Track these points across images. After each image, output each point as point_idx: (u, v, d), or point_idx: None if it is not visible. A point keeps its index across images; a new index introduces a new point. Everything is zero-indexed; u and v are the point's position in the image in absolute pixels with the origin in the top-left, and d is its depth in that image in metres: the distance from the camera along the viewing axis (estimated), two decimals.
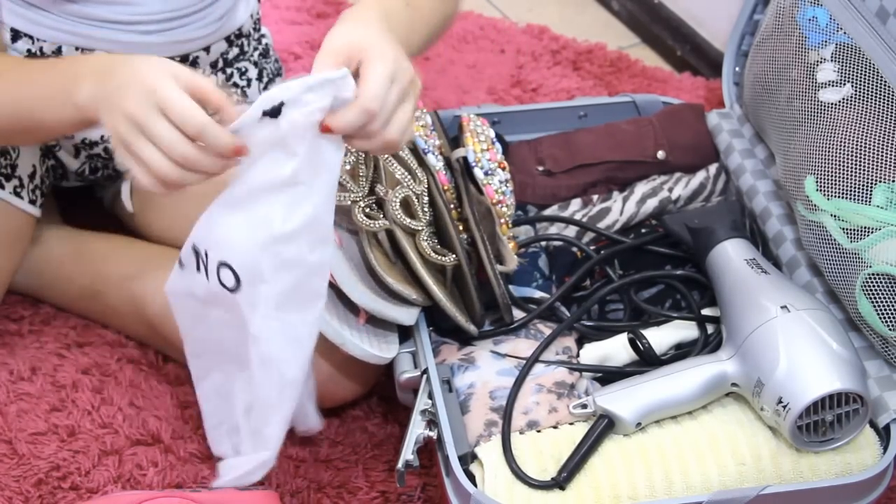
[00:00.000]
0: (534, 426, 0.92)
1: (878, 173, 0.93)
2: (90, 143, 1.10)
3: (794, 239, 1.06)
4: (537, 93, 1.49)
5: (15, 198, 1.04)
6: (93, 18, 1.00)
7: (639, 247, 1.09)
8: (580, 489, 0.87)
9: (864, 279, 0.92)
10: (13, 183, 1.04)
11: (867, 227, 0.93)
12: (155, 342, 1.10)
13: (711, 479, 0.88)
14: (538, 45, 1.58)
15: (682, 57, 1.59)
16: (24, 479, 1.00)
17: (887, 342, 0.92)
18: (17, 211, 1.04)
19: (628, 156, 1.16)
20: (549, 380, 0.95)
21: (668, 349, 1.00)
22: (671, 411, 0.92)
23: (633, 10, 1.68)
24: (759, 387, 0.88)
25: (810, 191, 0.98)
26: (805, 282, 1.03)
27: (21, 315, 1.15)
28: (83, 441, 1.03)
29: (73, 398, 1.07)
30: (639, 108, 1.24)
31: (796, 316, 0.90)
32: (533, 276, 1.06)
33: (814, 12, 1.04)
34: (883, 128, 0.94)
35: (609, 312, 1.05)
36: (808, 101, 1.02)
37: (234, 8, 1.09)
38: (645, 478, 0.88)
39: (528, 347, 0.98)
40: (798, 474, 0.89)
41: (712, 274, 1.00)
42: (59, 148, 1.11)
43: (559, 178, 1.15)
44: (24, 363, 1.10)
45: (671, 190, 1.14)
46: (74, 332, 1.14)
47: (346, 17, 0.85)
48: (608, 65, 1.55)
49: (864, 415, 0.88)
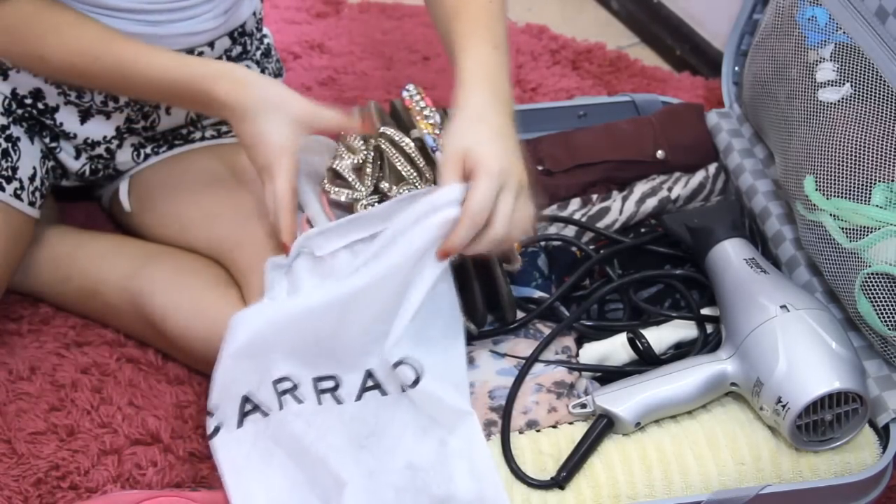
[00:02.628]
0: (533, 426, 0.92)
1: (877, 173, 0.93)
2: (92, 143, 1.11)
3: (793, 238, 1.06)
4: (537, 92, 1.49)
5: (15, 200, 1.04)
6: (102, 7, 1.00)
7: (638, 246, 1.09)
8: (579, 489, 0.87)
9: (864, 279, 0.92)
10: (14, 185, 1.04)
11: (866, 227, 0.93)
12: (154, 340, 1.10)
13: (711, 478, 0.88)
14: (537, 44, 1.58)
15: (681, 56, 1.59)
16: (24, 479, 1.00)
17: (886, 341, 0.92)
18: (17, 213, 1.04)
19: (628, 155, 1.16)
20: (549, 379, 0.95)
21: (668, 349, 0.99)
22: (670, 411, 0.92)
23: (633, 9, 1.68)
24: (758, 386, 0.88)
25: (809, 190, 0.98)
26: (804, 281, 1.03)
27: (20, 315, 1.15)
28: (82, 440, 1.03)
29: (72, 398, 1.07)
30: (638, 108, 1.24)
31: (795, 315, 0.90)
32: (532, 276, 1.06)
33: (813, 12, 1.04)
34: (882, 127, 0.94)
35: (608, 312, 1.05)
36: (807, 101, 1.02)
37: (239, 3, 1.09)
38: (644, 477, 0.88)
39: (528, 347, 0.98)
40: (797, 474, 0.89)
41: (711, 273, 1.00)
42: (59, 150, 1.11)
43: (558, 178, 1.15)
44: (23, 363, 1.10)
45: (670, 189, 1.14)
46: (73, 332, 1.14)
47: (461, 112, 0.90)
48: (607, 64, 1.55)
49: (863, 414, 0.88)
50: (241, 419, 0.90)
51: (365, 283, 0.89)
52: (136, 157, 1.13)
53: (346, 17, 1.63)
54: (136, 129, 1.11)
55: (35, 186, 1.06)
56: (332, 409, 0.90)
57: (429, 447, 0.88)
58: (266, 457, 0.89)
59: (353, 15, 1.64)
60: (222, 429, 0.90)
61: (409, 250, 0.87)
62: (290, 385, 0.90)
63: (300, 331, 0.90)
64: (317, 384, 0.91)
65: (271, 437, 0.90)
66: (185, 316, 1.02)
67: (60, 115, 1.07)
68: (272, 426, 0.90)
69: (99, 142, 1.10)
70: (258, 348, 0.90)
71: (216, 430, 0.90)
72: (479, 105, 0.91)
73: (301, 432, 0.88)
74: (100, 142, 1.10)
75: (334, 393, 0.91)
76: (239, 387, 0.90)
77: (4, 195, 1.03)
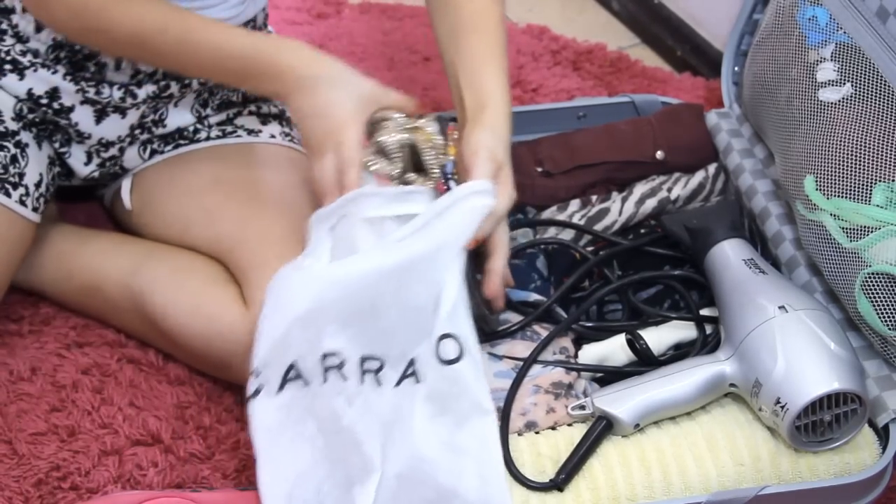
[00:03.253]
0: (532, 427, 0.92)
1: (877, 173, 0.93)
2: (106, 144, 1.11)
3: (793, 238, 1.06)
4: (537, 93, 1.49)
5: (20, 206, 1.04)
6: None
7: (637, 247, 1.09)
8: (578, 491, 0.87)
9: (864, 278, 0.91)
10: (19, 192, 1.04)
11: (867, 227, 0.93)
12: (154, 338, 1.10)
13: (710, 479, 0.88)
14: (538, 45, 1.58)
15: (681, 57, 1.59)
16: (24, 480, 1.00)
17: (886, 341, 0.92)
18: (20, 218, 1.05)
19: (627, 156, 1.16)
20: (547, 380, 0.95)
21: (667, 350, 0.99)
22: (670, 412, 0.92)
23: (633, 10, 1.68)
24: (757, 387, 0.88)
25: (810, 190, 0.98)
26: (804, 281, 1.03)
27: (21, 315, 1.15)
28: (83, 441, 1.03)
29: (73, 398, 1.07)
30: (638, 109, 1.24)
31: (794, 316, 0.90)
32: (531, 278, 1.06)
33: (813, 12, 1.04)
34: (883, 127, 0.94)
35: (607, 313, 1.05)
36: (807, 101, 1.02)
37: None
38: (643, 479, 0.88)
39: (526, 349, 0.98)
40: (797, 474, 0.89)
41: (711, 274, 1.00)
42: (69, 155, 1.11)
43: (558, 179, 1.15)
44: (23, 363, 1.10)
45: (670, 190, 1.14)
46: (74, 332, 1.14)
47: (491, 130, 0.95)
48: (608, 65, 1.55)
49: (862, 415, 0.88)
50: (282, 384, 0.89)
51: (418, 254, 0.88)
52: (143, 153, 1.13)
53: (346, 18, 1.63)
54: (147, 126, 1.11)
55: (40, 193, 1.07)
56: (371, 391, 0.89)
57: (437, 437, 0.87)
58: (298, 425, 0.89)
59: (353, 16, 1.64)
60: (262, 391, 0.88)
61: (451, 231, 0.89)
62: (338, 361, 0.89)
63: (357, 300, 0.89)
64: (363, 363, 0.90)
65: (307, 407, 0.88)
66: (185, 313, 1.02)
67: (76, 114, 1.07)
68: (311, 397, 0.88)
69: (113, 142, 1.11)
70: (315, 316, 0.88)
71: (256, 391, 0.88)
72: (503, 127, 0.96)
73: (341, 410, 0.88)
74: (114, 142, 1.11)
75: (377, 375, 0.89)
76: (289, 352, 0.89)
77: (10, 201, 1.03)
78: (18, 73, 1.04)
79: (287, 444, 0.88)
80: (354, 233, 0.91)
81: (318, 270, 0.91)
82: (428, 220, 0.90)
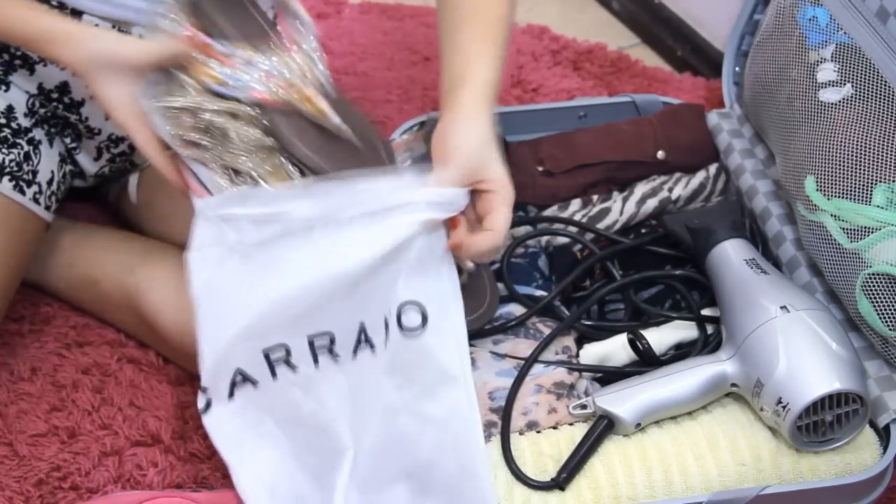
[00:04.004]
0: (533, 427, 0.92)
1: (878, 173, 0.93)
2: (116, 140, 1.11)
3: (793, 239, 1.06)
4: (537, 93, 1.49)
5: (33, 204, 1.04)
6: None
7: (638, 247, 1.09)
8: (580, 490, 0.87)
9: (864, 279, 0.91)
10: (33, 189, 1.04)
11: (867, 227, 0.93)
12: (147, 337, 1.10)
13: (711, 479, 0.88)
14: (538, 45, 1.58)
15: (682, 57, 1.59)
16: (25, 480, 1.00)
17: (887, 342, 0.92)
18: (34, 216, 1.05)
19: (628, 156, 1.16)
20: (549, 380, 0.95)
21: (668, 349, 0.99)
22: (671, 412, 0.92)
23: (634, 10, 1.68)
24: (758, 387, 0.88)
25: (810, 191, 0.98)
26: (805, 282, 1.03)
27: (21, 315, 1.15)
28: (83, 441, 1.03)
29: (73, 398, 1.07)
30: (639, 109, 1.24)
31: (796, 316, 0.90)
32: (533, 277, 1.06)
33: (814, 12, 1.04)
34: (883, 128, 0.94)
35: (609, 312, 1.05)
36: (808, 101, 1.02)
37: None
38: (645, 478, 0.88)
39: (528, 347, 0.98)
40: (798, 474, 0.89)
41: (712, 274, 1.00)
42: (79, 151, 1.11)
43: (559, 179, 1.15)
44: (24, 363, 1.10)
45: (671, 190, 1.14)
46: (74, 332, 1.14)
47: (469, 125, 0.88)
48: (608, 65, 1.55)
49: (863, 415, 0.88)
50: (231, 391, 0.88)
51: (364, 265, 0.84)
52: None
53: (346, 18, 1.63)
54: None
55: (52, 191, 1.07)
56: (329, 371, 0.87)
57: (406, 409, 0.86)
58: (257, 427, 0.88)
59: (353, 16, 1.64)
60: (213, 403, 0.88)
61: (394, 240, 0.84)
62: (283, 353, 0.87)
63: (296, 307, 0.86)
64: (312, 343, 0.87)
65: (262, 406, 0.88)
66: (179, 311, 1.02)
67: (86, 109, 1.07)
68: (263, 396, 0.88)
69: (123, 137, 1.11)
70: (254, 330, 0.87)
71: (208, 404, 0.88)
72: (485, 121, 0.89)
73: (299, 400, 0.87)
74: (123, 137, 1.11)
75: (331, 351, 0.88)
76: (231, 362, 0.88)
77: (24, 199, 1.03)
78: (28, 67, 1.04)
79: (251, 447, 0.88)
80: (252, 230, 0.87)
81: (251, 281, 0.86)
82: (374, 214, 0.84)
